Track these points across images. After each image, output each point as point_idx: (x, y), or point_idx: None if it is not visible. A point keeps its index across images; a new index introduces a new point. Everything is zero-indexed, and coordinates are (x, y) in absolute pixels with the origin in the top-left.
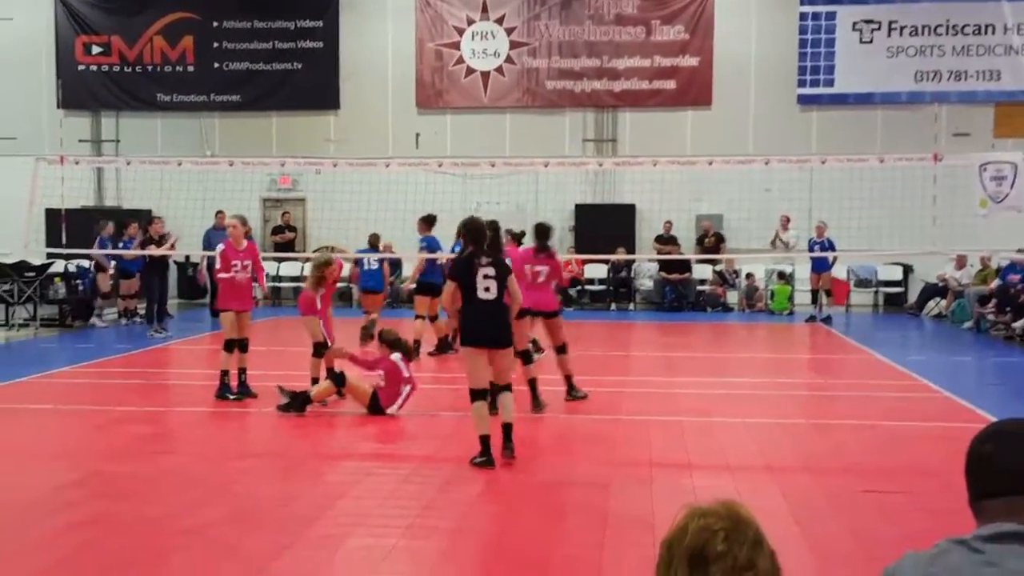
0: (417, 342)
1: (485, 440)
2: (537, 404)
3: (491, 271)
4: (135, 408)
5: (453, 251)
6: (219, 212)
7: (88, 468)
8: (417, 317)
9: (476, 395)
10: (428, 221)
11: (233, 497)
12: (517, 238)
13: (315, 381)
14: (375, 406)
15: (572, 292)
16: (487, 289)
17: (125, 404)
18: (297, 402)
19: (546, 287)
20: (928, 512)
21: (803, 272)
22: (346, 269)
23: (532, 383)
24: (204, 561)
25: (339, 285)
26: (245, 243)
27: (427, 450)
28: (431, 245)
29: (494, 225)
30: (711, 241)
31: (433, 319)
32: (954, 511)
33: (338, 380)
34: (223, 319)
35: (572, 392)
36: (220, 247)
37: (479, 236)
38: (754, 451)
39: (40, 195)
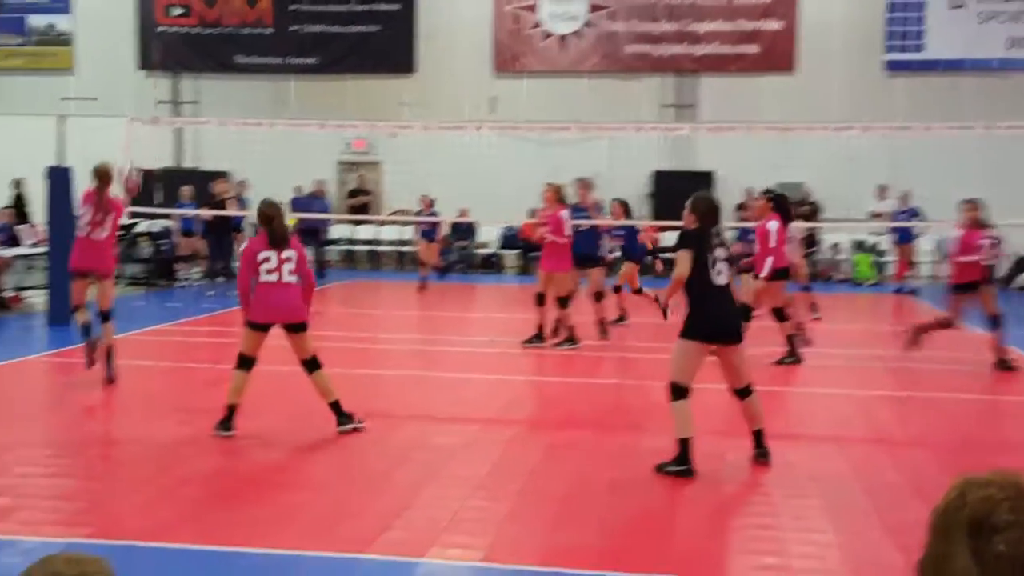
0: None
1: (686, 444)
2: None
3: (722, 252)
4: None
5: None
6: (319, 181)
7: (200, 424)
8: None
9: (681, 393)
10: (589, 186)
11: (347, 456)
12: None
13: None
14: None
15: (647, 260)
16: (719, 272)
17: (223, 362)
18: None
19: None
20: None
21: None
22: None
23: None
24: (326, 520)
25: None
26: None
27: (536, 415)
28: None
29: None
30: (807, 209)
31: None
32: None
33: None
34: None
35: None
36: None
37: (713, 215)
38: (861, 424)
39: (133, 155)
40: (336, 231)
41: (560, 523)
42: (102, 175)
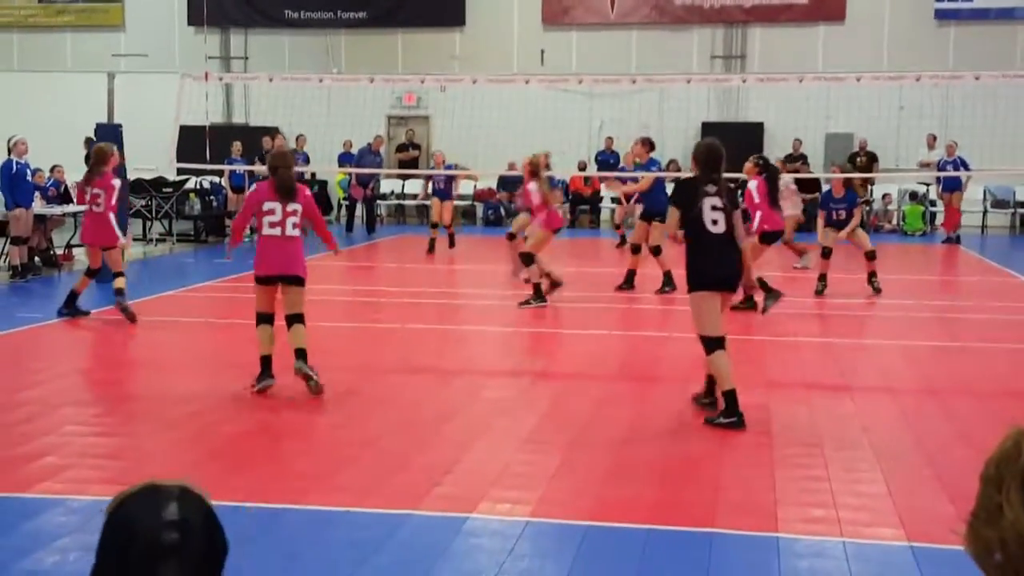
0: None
1: (732, 395)
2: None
3: (718, 201)
4: (281, 323)
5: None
6: (377, 137)
7: (247, 381)
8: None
9: (716, 344)
10: (650, 144)
11: (396, 410)
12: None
13: None
14: None
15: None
16: (715, 222)
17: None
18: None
19: None
20: None
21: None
22: None
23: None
24: (375, 475)
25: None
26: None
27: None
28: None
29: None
30: (863, 161)
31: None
32: None
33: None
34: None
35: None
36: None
37: (713, 162)
38: (912, 374)
39: (184, 111)
40: (385, 186)
41: (610, 477)
42: (93, 154)
